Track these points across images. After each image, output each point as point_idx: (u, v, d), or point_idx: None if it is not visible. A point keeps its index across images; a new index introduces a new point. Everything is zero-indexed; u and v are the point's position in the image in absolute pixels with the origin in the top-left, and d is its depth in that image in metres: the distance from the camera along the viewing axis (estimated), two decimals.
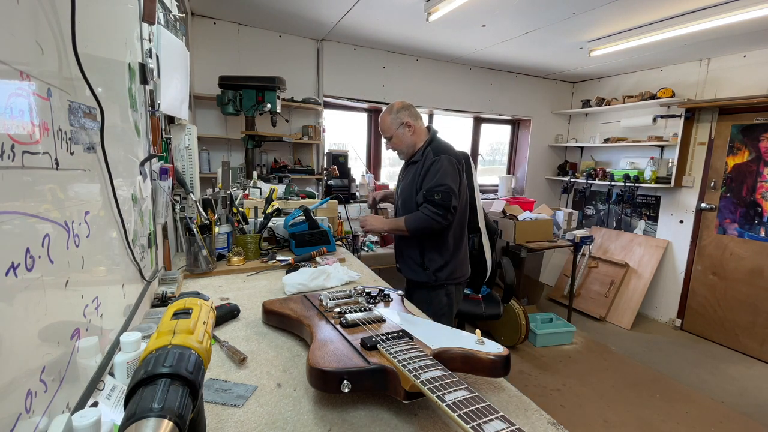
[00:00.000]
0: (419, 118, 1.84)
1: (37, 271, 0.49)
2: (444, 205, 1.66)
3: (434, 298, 1.82)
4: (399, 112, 1.81)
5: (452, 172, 1.70)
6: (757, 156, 3.13)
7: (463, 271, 1.88)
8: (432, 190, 1.67)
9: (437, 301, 1.81)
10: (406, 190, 1.81)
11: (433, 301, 1.81)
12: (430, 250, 1.77)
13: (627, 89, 3.98)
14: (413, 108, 1.83)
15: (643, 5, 2.35)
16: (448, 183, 1.67)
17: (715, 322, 3.40)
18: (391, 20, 2.75)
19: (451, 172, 1.70)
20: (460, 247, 1.83)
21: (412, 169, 1.80)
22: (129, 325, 0.90)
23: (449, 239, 1.78)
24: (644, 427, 2.24)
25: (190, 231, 1.42)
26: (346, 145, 3.68)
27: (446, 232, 1.76)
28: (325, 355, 0.75)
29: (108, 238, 0.79)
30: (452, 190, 1.66)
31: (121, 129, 0.92)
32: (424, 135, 1.83)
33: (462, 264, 1.86)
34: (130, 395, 0.40)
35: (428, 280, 1.79)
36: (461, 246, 1.84)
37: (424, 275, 1.80)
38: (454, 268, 1.80)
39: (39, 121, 0.51)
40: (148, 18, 1.14)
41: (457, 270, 1.83)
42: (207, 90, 2.79)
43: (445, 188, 1.66)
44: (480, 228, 2.65)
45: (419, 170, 1.75)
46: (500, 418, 0.54)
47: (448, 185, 1.66)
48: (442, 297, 1.82)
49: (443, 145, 1.78)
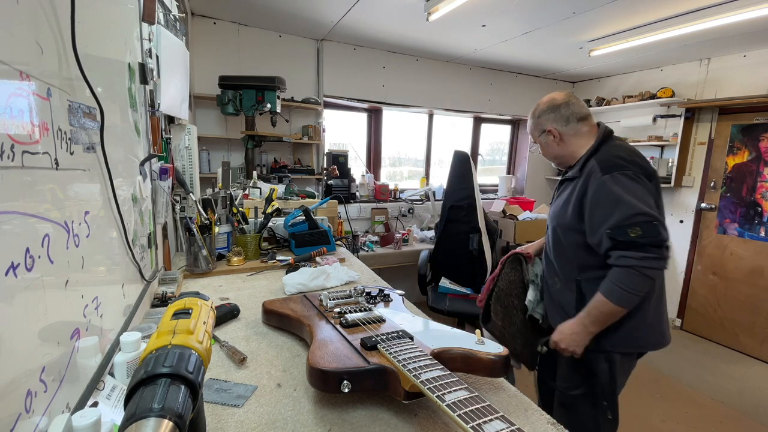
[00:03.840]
0: (575, 120, 1.29)
1: (37, 271, 0.49)
2: (653, 243, 1.10)
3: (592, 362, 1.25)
4: (540, 116, 1.34)
5: (641, 192, 1.14)
6: (757, 156, 3.13)
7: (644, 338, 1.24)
8: (622, 227, 1.11)
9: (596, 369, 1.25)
10: (558, 214, 1.32)
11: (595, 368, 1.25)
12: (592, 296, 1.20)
13: (627, 89, 3.98)
14: (569, 107, 1.30)
15: (643, 5, 2.35)
16: (644, 209, 1.11)
17: (715, 322, 3.40)
18: (391, 20, 2.75)
19: (641, 192, 1.14)
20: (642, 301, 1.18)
21: (567, 188, 1.31)
22: (129, 325, 0.90)
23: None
24: (644, 427, 2.24)
25: (190, 231, 1.42)
26: (346, 145, 3.68)
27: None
28: (325, 355, 0.75)
29: (108, 238, 0.79)
30: (654, 218, 1.11)
31: (121, 129, 0.92)
32: (585, 142, 1.29)
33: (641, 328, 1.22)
34: (130, 395, 0.40)
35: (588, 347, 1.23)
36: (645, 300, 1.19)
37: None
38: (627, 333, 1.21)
39: (39, 121, 0.51)
40: (148, 18, 1.14)
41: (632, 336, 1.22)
42: (207, 90, 2.79)
43: (643, 217, 1.10)
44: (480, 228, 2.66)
45: (577, 192, 1.23)
46: (500, 418, 0.54)
47: (645, 211, 1.11)
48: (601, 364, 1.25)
49: (619, 156, 1.20)
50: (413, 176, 4.20)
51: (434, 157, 4.19)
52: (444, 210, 2.76)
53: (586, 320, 1.19)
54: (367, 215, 3.64)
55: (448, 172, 2.77)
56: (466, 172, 2.66)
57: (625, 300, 1.13)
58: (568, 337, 1.24)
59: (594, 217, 1.18)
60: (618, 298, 1.13)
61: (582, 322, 1.20)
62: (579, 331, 1.21)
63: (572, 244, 1.28)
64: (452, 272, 2.77)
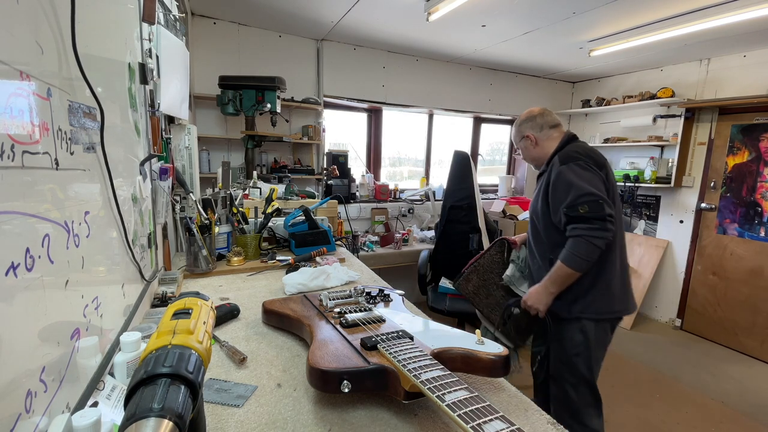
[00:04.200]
0: (547, 127, 1.58)
1: (37, 271, 0.49)
2: (597, 216, 1.34)
3: (565, 333, 1.51)
4: (521, 124, 1.63)
5: (590, 177, 1.39)
6: (757, 156, 3.13)
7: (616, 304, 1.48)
8: (574, 205, 1.37)
9: (569, 338, 1.50)
10: (533, 204, 1.59)
11: (564, 337, 1.52)
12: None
13: (627, 89, 3.98)
14: (543, 117, 1.59)
15: (643, 5, 2.35)
16: (589, 189, 1.36)
17: (715, 322, 3.40)
18: (391, 20, 2.75)
19: (589, 177, 1.39)
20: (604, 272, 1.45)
21: (539, 182, 1.58)
22: (129, 325, 0.90)
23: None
24: (644, 427, 2.24)
25: (190, 231, 1.42)
26: (346, 145, 3.68)
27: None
28: (325, 355, 0.75)
29: (108, 238, 0.79)
30: (598, 196, 1.36)
31: (121, 129, 0.92)
32: (554, 144, 1.56)
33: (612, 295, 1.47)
34: (130, 395, 0.40)
35: (562, 313, 1.50)
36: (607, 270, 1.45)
37: (557, 307, 1.50)
38: (594, 298, 1.45)
39: (39, 121, 0.51)
40: (148, 18, 1.14)
41: (601, 301, 1.46)
42: (207, 90, 2.79)
43: (590, 197, 1.35)
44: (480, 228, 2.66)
45: (543, 183, 1.52)
46: (500, 418, 0.54)
47: (591, 191, 1.36)
48: (575, 334, 1.49)
49: (575, 151, 1.47)
50: (413, 176, 4.20)
51: (434, 157, 4.19)
52: (444, 210, 2.76)
53: (548, 282, 1.47)
54: (367, 215, 3.64)
55: (448, 172, 2.77)
56: (466, 172, 2.66)
57: (577, 264, 1.38)
58: (533, 296, 1.51)
59: (555, 200, 1.45)
60: (570, 262, 1.39)
61: (545, 284, 1.48)
62: (541, 291, 1.48)
63: (543, 226, 1.54)
64: (452, 272, 2.75)
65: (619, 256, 1.49)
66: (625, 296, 1.51)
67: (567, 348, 1.52)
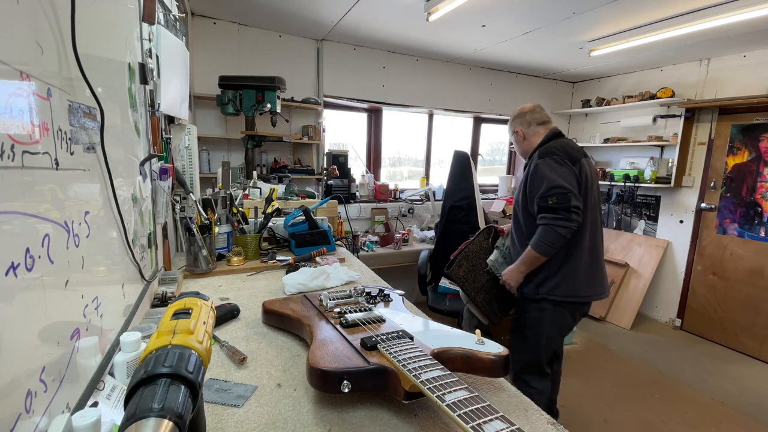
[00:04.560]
0: (535, 124, 1.71)
1: (37, 271, 0.49)
2: (563, 208, 1.49)
3: (528, 310, 1.69)
4: (513, 120, 1.78)
5: (562, 169, 1.53)
6: (757, 156, 3.13)
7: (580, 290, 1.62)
8: (545, 197, 1.52)
9: (529, 314, 1.68)
10: (515, 194, 1.75)
11: (526, 313, 1.70)
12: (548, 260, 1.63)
13: (627, 89, 3.98)
14: (532, 114, 1.72)
15: (643, 5, 2.35)
16: (559, 182, 1.50)
17: (715, 322, 3.40)
18: (391, 20, 2.75)
19: (561, 170, 1.53)
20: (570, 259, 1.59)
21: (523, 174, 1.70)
22: (129, 325, 0.90)
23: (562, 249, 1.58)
24: (644, 427, 2.24)
25: (190, 231, 1.42)
26: (346, 145, 3.68)
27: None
28: (325, 355, 0.75)
29: (108, 238, 0.79)
30: (566, 189, 1.50)
31: (121, 129, 0.92)
32: (538, 140, 1.69)
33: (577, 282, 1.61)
34: (130, 395, 0.40)
35: (530, 293, 1.67)
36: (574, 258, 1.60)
37: (528, 287, 1.67)
38: (558, 283, 1.60)
39: (39, 121, 0.51)
40: (148, 18, 1.14)
41: (565, 286, 1.60)
42: (207, 90, 2.79)
43: (558, 190, 1.50)
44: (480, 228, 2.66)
45: (524, 175, 1.66)
46: (500, 418, 0.54)
47: (560, 184, 1.50)
48: (534, 312, 1.67)
49: (553, 146, 1.60)
50: (413, 176, 4.20)
51: (434, 157, 4.19)
52: (444, 210, 2.76)
53: (520, 263, 1.66)
54: (367, 215, 3.64)
55: (448, 172, 2.77)
56: (466, 172, 2.66)
57: (542, 249, 1.56)
58: (507, 274, 1.73)
59: (531, 190, 1.60)
60: (537, 247, 1.56)
61: (517, 264, 1.67)
62: (514, 270, 1.68)
63: (522, 215, 1.69)
64: None
65: (590, 245, 1.63)
66: (592, 282, 1.65)
67: (525, 321, 1.73)
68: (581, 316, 1.74)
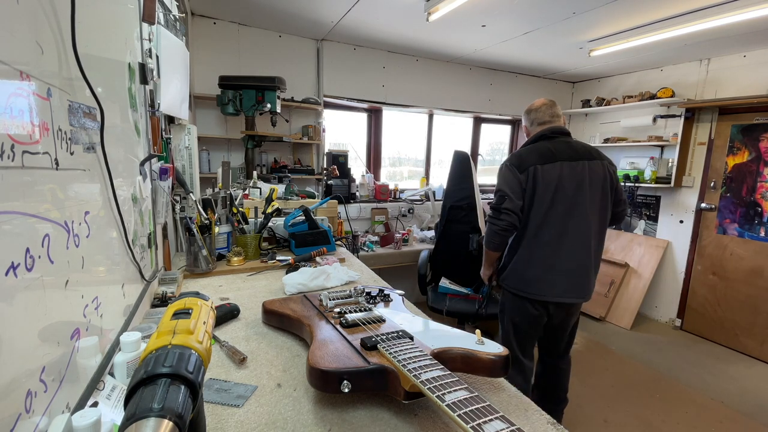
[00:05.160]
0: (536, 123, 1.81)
1: (37, 271, 0.49)
2: (496, 208, 1.68)
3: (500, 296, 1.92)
4: (524, 115, 1.89)
5: (507, 175, 1.69)
6: (757, 156, 3.13)
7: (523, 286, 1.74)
8: (493, 198, 1.74)
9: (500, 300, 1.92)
10: None
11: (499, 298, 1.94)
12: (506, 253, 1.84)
13: (627, 89, 3.98)
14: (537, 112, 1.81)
15: (643, 5, 2.35)
16: (500, 186, 1.70)
17: (715, 322, 3.40)
18: (391, 20, 2.75)
19: (506, 175, 1.69)
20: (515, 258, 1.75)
21: None
22: (129, 325, 0.90)
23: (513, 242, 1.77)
24: (644, 427, 2.24)
25: (190, 231, 1.42)
26: (346, 145, 3.68)
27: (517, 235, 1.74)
28: (325, 355, 0.75)
29: (108, 238, 0.79)
30: (504, 192, 1.67)
31: (121, 129, 0.92)
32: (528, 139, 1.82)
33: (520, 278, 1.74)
34: (130, 395, 0.40)
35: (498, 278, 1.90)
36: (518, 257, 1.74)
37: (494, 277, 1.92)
38: (508, 274, 1.79)
39: (39, 121, 0.51)
40: (148, 18, 1.14)
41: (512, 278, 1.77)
42: (207, 90, 2.79)
43: (498, 192, 1.70)
44: (480, 228, 2.66)
45: None
46: (500, 418, 0.54)
47: (500, 188, 1.70)
48: (502, 297, 1.89)
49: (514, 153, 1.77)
50: (413, 176, 4.20)
51: (434, 157, 4.19)
52: (444, 210, 2.76)
53: (484, 259, 1.89)
54: (367, 215, 3.64)
55: (448, 172, 2.77)
56: (466, 172, 2.66)
57: (486, 243, 1.79)
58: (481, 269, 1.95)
59: None
60: (485, 242, 1.80)
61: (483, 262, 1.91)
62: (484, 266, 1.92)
63: None
64: (452, 272, 2.77)
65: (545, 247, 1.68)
66: (547, 283, 1.70)
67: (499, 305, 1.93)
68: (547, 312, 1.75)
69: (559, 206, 1.64)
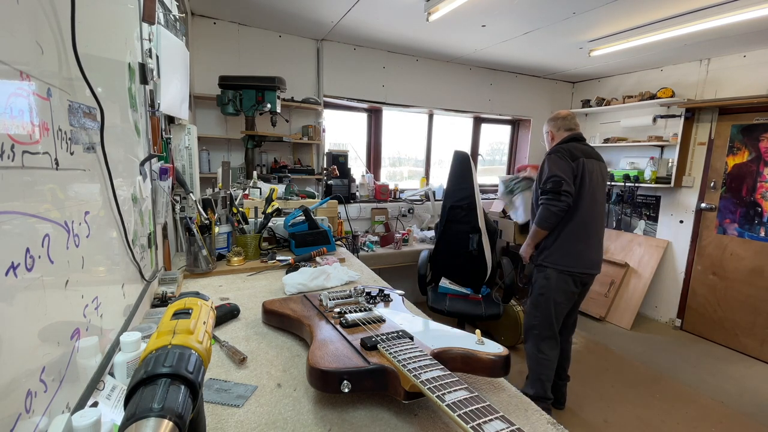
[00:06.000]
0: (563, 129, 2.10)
1: (37, 271, 0.49)
2: (554, 191, 1.90)
3: (537, 278, 2.09)
4: (548, 121, 2.17)
5: (561, 163, 1.93)
6: (757, 156, 3.13)
7: (569, 261, 2.01)
8: (545, 183, 1.94)
9: (538, 282, 2.09)
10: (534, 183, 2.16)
11: (537, 280, 2.10)
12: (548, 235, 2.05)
13: (627, 89, 3.98)
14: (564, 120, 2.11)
15: (643, 5, 2.35)
16: (556, 172, 1.92)
17: (715, 322, 3.40)
18: (391, 20, 2.75)
19: (560, 164, 1.93)
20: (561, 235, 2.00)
21: None
22: (129, 325, 0.90)
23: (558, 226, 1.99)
24: (644, 427, 2.24)
25: (190, 231, 1.42)
26: (346, 145, 3.68)
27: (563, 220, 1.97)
28: (325, 355, 0.75)
29: (108, 238, 0.79)
30: (561, 177, 1.90)
31: (121, 129, 0.92)
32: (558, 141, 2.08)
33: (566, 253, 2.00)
34: (130, 395, 0.40)
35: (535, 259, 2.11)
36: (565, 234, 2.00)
37: (536, 255, 2.12)
38: (554, 252, 2.02)
39: (39, 121, 0.51)
40: (148, 18, 1.14)
41: (557, 255, 2.01)
42: (207, 90, 2.79)
43: (554, 178, 1.91)
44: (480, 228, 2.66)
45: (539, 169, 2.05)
46: (500, 418, 0.54)
47: (556, 174, 1.91)
48: (541, 279, 2.07)
49: (560, 147, 1.99)
50: (413, 176, 4.20)
51: (434, 157, 4.19)
52: (444, 210, 2.76)
53: (528, 238, 2.12)
54: (367, 215, 3.64)
55: (448, 172, 2.76)
56: (466, 172, 2.66)
57: (540, 224, 2.00)
58: (522, 249, 2.19)
59: (539, 179, 2.04)
60: (537, 222, 2.01)
61: (527, 240, 2.14)
62: (525, 244, 2.16)
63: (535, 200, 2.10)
64: (452, 272, 2.77)
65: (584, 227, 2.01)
66: (582, 259, 2.02)
67: (536, 288, 2.10)
68: (582, 286, 2.09)
69: (591, 195, 1.98)
